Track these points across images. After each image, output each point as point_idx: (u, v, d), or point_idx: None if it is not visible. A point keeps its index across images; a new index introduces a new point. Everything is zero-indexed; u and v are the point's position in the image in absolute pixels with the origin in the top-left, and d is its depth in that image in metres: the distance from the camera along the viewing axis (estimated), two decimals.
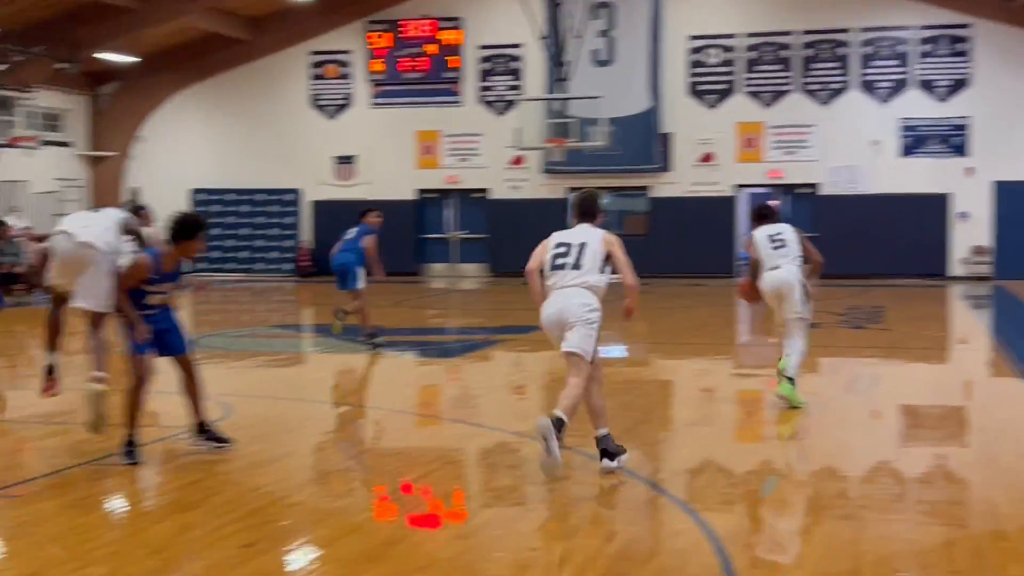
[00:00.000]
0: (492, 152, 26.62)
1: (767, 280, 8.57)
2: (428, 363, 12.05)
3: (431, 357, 12.53)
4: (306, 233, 27.72)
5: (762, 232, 8.69)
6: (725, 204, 25.53)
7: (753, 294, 8.69)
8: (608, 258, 6.53)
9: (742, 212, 27.59)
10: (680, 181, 25.73)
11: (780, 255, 8.57)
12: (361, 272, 12.34)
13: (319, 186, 27.70)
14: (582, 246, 6.58)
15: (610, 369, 10.90)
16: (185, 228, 6.78)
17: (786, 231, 8.68)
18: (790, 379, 8.42)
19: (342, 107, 27.64)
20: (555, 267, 6.60)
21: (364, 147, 27.44)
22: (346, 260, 12.35)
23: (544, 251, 6.67)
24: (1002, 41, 23.98)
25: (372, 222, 12.57)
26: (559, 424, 6.16)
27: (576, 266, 6.54)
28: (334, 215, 26.93)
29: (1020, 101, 23.95)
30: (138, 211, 9.39)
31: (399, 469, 6.67)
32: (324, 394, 10.09)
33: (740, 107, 25.28)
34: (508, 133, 25.02)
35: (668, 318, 16.55)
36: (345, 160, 27.58)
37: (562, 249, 6.62)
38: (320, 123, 27.75)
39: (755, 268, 8.65)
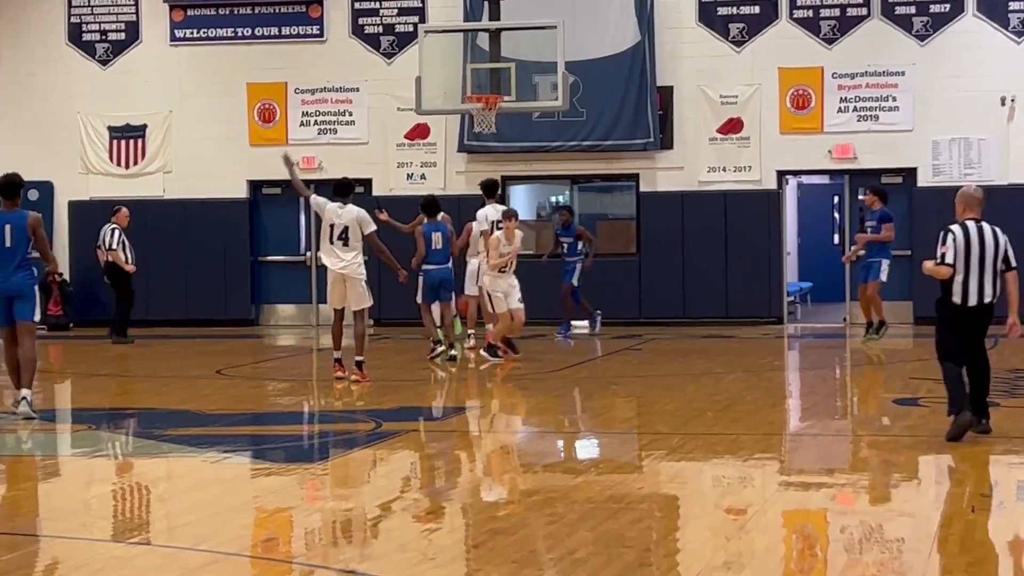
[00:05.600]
0: (376, 118, 26.70)
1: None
2: (272, 472, 12.20)
3: (276, 462, 12.72)
4: (60, 257, 27.46)
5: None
6: (763, 202, 25.85)
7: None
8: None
9: (791, 215, 27.97)
10: (689, 165, 25.99)
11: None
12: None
13: (83, 177, 27.63)
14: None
15: (586, 480, 11.05)
16: None
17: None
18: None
19: (122, 45, 27.61)
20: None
21: (160, 111, 27.46)
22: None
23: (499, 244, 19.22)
24: None
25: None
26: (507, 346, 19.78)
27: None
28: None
29: None
30: None
31: None
32: (101, 525, 10.07)
33: (784, 44, 25.70)
34: (401, 87, 25.10)
35: (673, 393, 16.73)
36: (128, 133, 27.48)
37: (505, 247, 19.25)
38: (85, 71, 27.70)
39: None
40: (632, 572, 8.21)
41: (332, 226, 17.21)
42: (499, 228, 19.51)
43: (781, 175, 26.00)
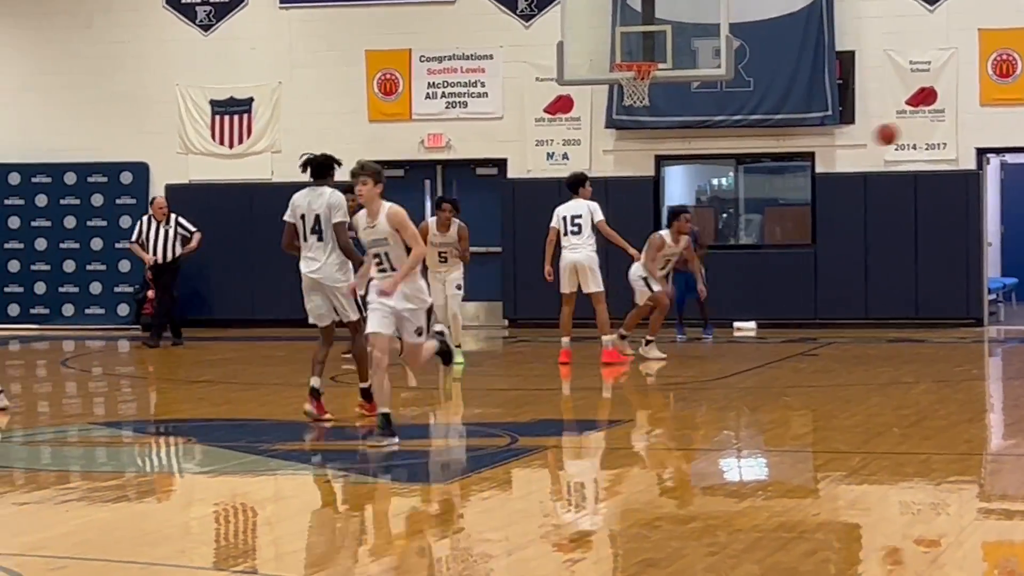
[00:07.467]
0: (511, 90, 26.79)
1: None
2: (394, 492, 12.30)
3: (398, 481, 12.80)
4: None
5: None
6: (959, 185, 25.58)
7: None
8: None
9: (993, 200, 27.68)
10: (873, 143, 25.78)
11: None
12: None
13: (182, 157, 28.06)
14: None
15: (752, 505, 11.18)
16: None
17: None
18: None
19: (226, 8, 27.94)
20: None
21: (268, 83, 27.79)
22: None
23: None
24: None
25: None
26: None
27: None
28: (214, 212, 26.95)
29: None
30: None
31: None
32: (202, 551, 10.15)
33: (986, 1, 25.46)
34: (541, 54, 25.15)
35: (854, 406, 16.67)
36: (232, 108, 27.79)
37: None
38: (185, 38, 28.11)
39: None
40: None
41: (303, 217, 15.78)
42: (574, 224, 19.78)
43: (981, 153, 25.71)
